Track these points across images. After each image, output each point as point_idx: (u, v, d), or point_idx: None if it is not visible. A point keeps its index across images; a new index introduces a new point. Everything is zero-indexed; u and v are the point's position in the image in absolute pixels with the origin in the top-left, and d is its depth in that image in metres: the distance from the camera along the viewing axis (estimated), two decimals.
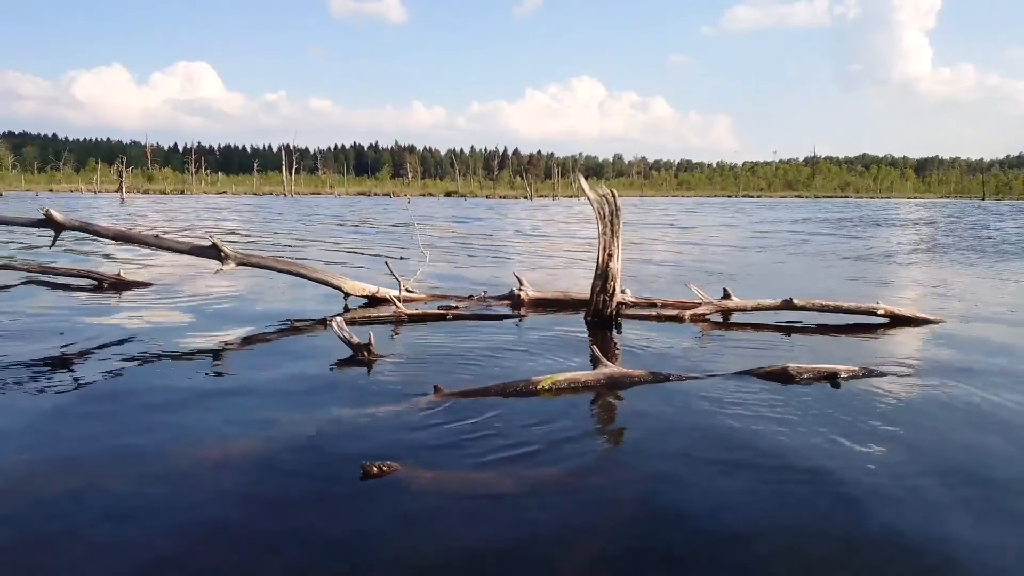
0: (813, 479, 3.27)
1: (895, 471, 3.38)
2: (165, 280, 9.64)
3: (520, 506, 3.02)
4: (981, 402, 4.47)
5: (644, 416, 4.23)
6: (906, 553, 2.68)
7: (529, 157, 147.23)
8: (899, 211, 48.76)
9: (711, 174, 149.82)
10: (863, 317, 7.08)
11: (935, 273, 12.41)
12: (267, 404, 4.34)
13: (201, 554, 2.62)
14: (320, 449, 3.59)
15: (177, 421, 4.02)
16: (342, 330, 5.44)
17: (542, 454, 3.54)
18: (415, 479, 3.20)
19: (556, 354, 5.59)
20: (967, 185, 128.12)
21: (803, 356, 5.41)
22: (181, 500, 3.03)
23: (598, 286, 7.01)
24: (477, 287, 8.68)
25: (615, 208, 6.87)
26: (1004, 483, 3.31)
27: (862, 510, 2.97)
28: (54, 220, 7.71)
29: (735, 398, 4.45)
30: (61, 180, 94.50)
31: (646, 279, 10.21)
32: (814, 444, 3.69)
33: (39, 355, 5.38)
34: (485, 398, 4.35)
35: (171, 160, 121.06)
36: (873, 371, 5.05)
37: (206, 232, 19.24)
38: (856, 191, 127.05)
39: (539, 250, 16.38)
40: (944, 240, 20.95)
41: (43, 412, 4.14)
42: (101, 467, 3.34)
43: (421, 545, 2.69)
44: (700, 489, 3.19)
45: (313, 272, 8.16)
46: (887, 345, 6.32)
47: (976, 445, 3.77)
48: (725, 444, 3.70)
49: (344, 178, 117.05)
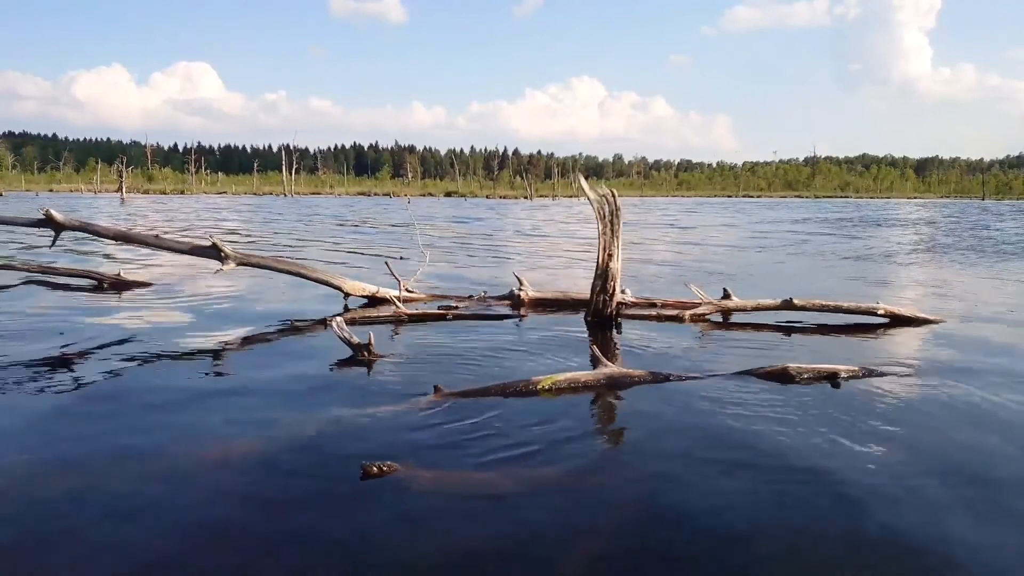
0: (813, 479, 3.27)
1: (895, 471, 3.38)
2: (165, 280, 9.64)
3: (520, 506, 3.02)
4: (981, 402, 4.47)
5: (644, 416, 4.23)
6: (906, 553, 2.68)
7: (529, 157, 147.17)
8: (899, 211, 48.77)
9: (711, 174, 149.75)
10: (863, 317, 7.08)
11: (935, 273, 12.41)
12: (267, 404, 4.35)
13: (201, 554, 2.62)
14: (320, 449, 3.59)
15: (177, 421, 4.02)
16: (342, 330, 5.44)
17: (542, 454, 3.54)
18: (415, 479, 3.20)
19: (556, 354, 5.59)
20: (967, 185, 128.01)
21: (803, 356, 5.41)
22: (181, 500, 3.03)
23: (598, 286, 7.01)
24: (477, 287, 8.68)
25: (615, 208, 6.87)
26: (1004, 483, 3.31)
27: (862, 510, 2.97)
28: (54, 220, 7.71)
29: (735, 398, 4.45)
30: (61, 180, 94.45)
31: (646, 279, 10.21)
32: (814, 444, 3.69)
33: (39, 355, 5.38)
34: (485, 398, 4.35)
35: (171, 160, 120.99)
36: (873, 371, 5.05)
37: (206, 232, 19.26)
38: (856, 191, 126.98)
39: (539, 250, 16.38)
40: (944, 240, 20.95)
41: (43, 412, 4.14)
42: (101, 467, 3.34)
43: (421, 545, 2.69)
44: (700, 489, 3.19)
45: (313, 272, 8.16)
46: (887, 345, 6.32)
47: (976, 445, 3.78)
48: (725, 444, 3.70)
49: (344, 178, 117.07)
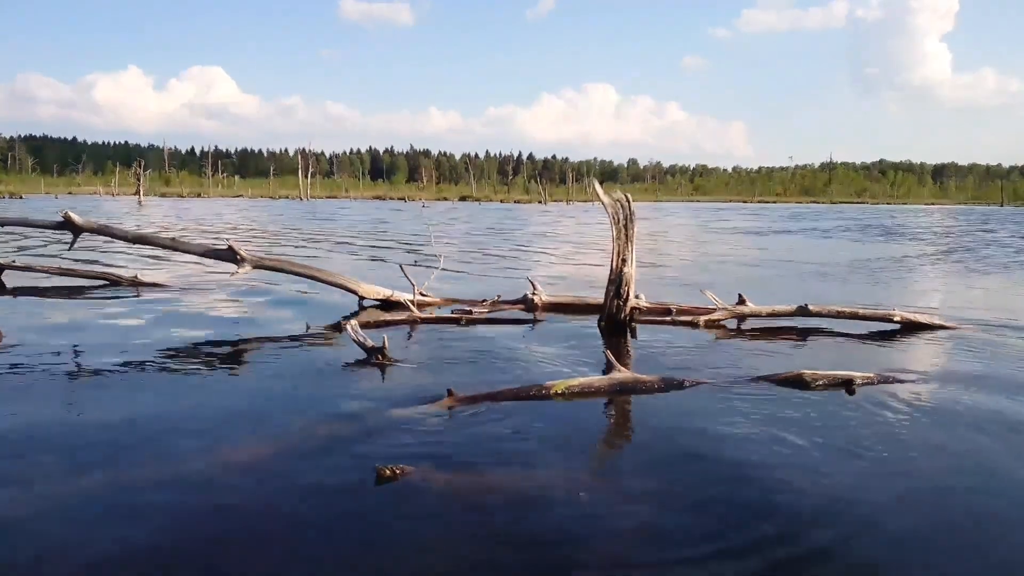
0: (831, 488, 3.25)
1: (913, 482, 3.36)
2: (181, 282, 9.73)
3: (534, 510, 3.02)
4: (1001, 410, 4.42)
5: (657, 422, 4.22)
6: (920, 565, 2.66)
7: (543, 162, 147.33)
8: (920, 219, 48.28)
9: (726, 179, 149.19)
10: (879, 324, 7.02)
11: (953, 280, 12.30)
12: (281, 406, 4.38)
13: (214, 557, 2.64)
14: (334, 451, 3.61)
15: (190, 424, 4.05)
16: (356, 333, 5.46)
17: (556, 458, 3.54)
18: (429, 482, 3.21)
19: (569, 359, 5.59)
20: (986, 191, 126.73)
21: (818, 362, 5.37)
22: (194, 503, 3.05)
23: (612, 291, 7.00)
24: (491, 291, 8.68)
25: (629, 213, 6.86)
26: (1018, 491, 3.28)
27: (880, 522, 2.94)
28: (73, 222, 7.81)
29: (749, 404, 4.42)
30: (80, 183, 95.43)
31: (660, 284, 10.17)
32: (830, 452, 3.66)
33: (54, 356, 5.44)
34: (498, 402, 4.35)
35: (188, 164, 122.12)
36: (889, 378, 5.01)
37: (223, 235, 19.41)
38: (873, 197, 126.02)
39: (553, 254, 16.37)
40: (962, 247, 20.74)
41: (55, 413, 4.18)
42: (113, 470, 3.37)
43: (435, 548, 2.70)
44: (715, 497, 3.17)
45: (327, 275, 8.20)
46: (903, 352, 6.27)
47: (994, 453, 3.73)
48: (739, 451, 3.68)
49: (360, 182, 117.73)
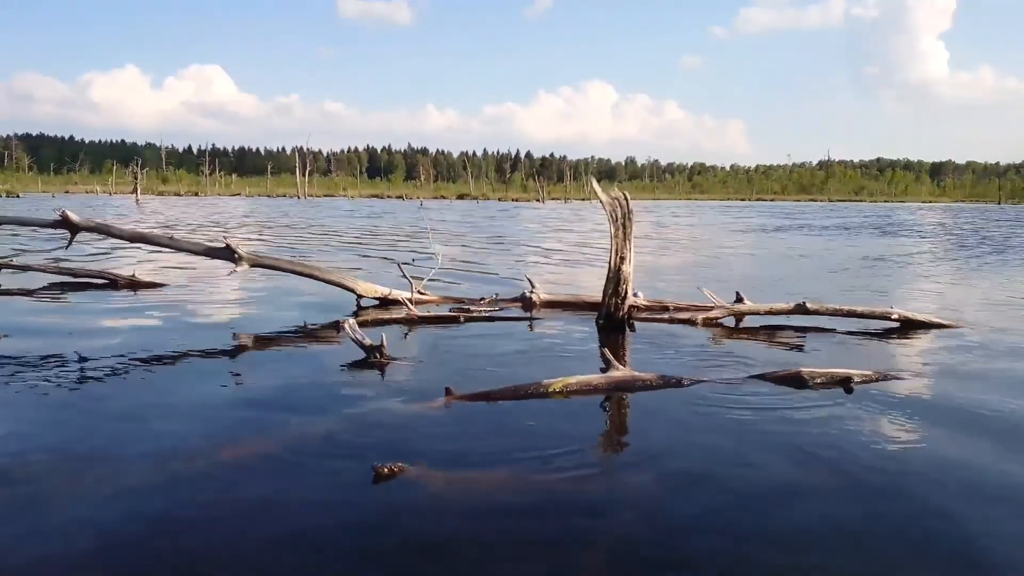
0: (827, 485, 3.25)
1: (910, 478, 3.35)
2: (179, 280, 9.71)
3: (532, 508, 3.01)
4: (998, 408, 4.42)
5: (655, 420, 4.22)
6: (920, 559, 2.66)
7: (541, 160, 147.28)
8: (916, 216, 48.32)
9: (724, 177, 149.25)
10: (877, 322, 7.03)
11: (952, 277, 12.31)
12: (279, 404, 4.37)
13: (212, 556, 2.63)
14: (331, 450, 3.60)
15: (188, 422, 4.04)
16: (354, 332, 5.45)
17: (553, 456, 3.53)
18: (427, 480, 3.21)
19: (567, 357, 5.58)
20: (983, 189, 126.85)
21: (816, 360, 5.38)
22: (192, 500, 3.04)
23: (610, 289, 6.99)
24: (489, 289, 8.68)
25: (627, 211, 6.86)
26: (1019, 489, 3.28)
27: (879, 516, 2.94)
28: (70, 221, 7.78)
29: (747, 402, 4.42)
30: (77, 182, 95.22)
31: (658, 282, 10.17)
32: (827, 449, 3.66)
33: (51, 355, 5.42)
34: (496, 401, 4.35)
35: (185, 162, 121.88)
36: (887, 376, 5.01)
37: (220, 233, 19.37)
38: (870, 195, 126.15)
39: (551, 252, 16.36)
40: (962, 244, 20.77)
41: (53, 412, 4.18)
42: (111, 467, 3.36)
43: (432, 546, 2.69)
44: (712, 494, 3.17)
45: (325, 273, 8.19)
46: (901, 350, 6.27)
47: (992, 451, 3.74)
48: (737, 449, 3.68)
49: (357, 180, 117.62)
